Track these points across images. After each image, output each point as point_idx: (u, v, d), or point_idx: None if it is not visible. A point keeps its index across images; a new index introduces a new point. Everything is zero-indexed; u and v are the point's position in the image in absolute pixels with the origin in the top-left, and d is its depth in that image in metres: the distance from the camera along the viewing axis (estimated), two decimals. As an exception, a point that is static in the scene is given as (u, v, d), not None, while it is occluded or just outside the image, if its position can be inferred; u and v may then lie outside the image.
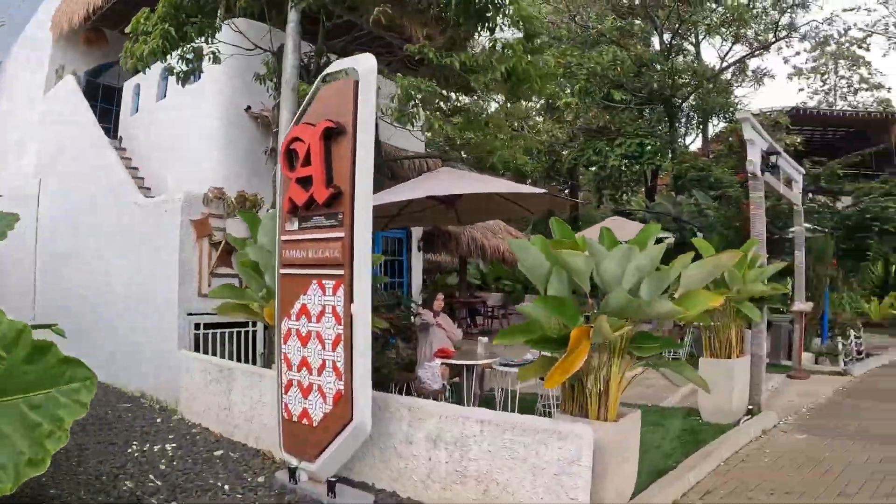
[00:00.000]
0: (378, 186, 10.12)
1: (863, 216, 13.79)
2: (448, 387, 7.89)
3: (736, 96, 23.84)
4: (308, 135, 5.31)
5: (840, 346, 11.67)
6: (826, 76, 40.23)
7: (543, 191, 8.69)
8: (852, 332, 12.26)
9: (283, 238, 5.70)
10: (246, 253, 6.75)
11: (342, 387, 4.98)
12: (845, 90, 40.39)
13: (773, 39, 22.33)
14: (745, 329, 8.25)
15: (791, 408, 8.84)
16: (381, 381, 7.77)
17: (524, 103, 27.44)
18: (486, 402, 8.05)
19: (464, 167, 11.89)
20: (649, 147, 17.80)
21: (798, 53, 40.27)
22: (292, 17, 8.76)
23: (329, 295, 5.17)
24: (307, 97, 5.68)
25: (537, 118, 24.93)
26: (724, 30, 20.26)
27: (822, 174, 14.29)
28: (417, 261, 14.26)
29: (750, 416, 7.99)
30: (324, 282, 5.22)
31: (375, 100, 5.22)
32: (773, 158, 8.38)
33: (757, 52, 22.93)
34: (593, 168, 20.16)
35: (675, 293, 5.01)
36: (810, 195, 12.09)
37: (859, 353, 12.39)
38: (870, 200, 14.03)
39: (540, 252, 4.87)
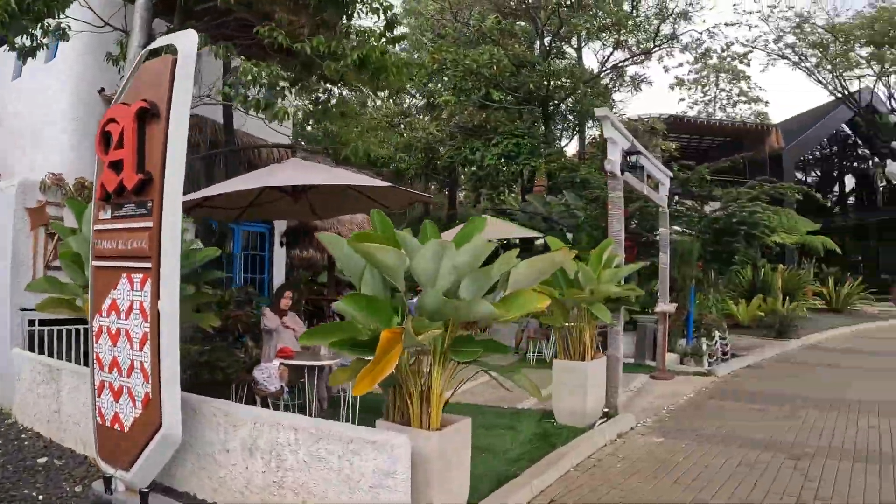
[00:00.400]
0: (233, 175, 9.55)
1: (730, 220, 14.09)
2: (287, 389, 7.36)
3: (614, 101, 24.32)
4: (123, 115, 4.79)
5: (704, 347, 11.80)
6: (707, 88, 42.02)
7: (387, 184, 8.27)
8: (717, 334, 12.45)
9: (96, 227, 5.16)
10: (68, 243, 6.13)
11: (150, 390, 4.53)
12: (725, 102, 42.35)
13: (654, 48, 22.85)
14: (613, 329, 8.14)
15: (651, 409, 8.76)
16: (226, 382, 7.37)
17: (408, 100, 27.34)
18: (334, 405, 7.67)
19: (323, 160, 11.38)
20: (525, 147, 17.79)
21: (681, 65, 41.96)
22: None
23: (137, 290, 4.69)
24: (127, 75, 5.20)
25: (417, 115, 24.78)
26: (604, 35, 20.55)
27: (690, 178, 14.53)
28: (280, 257, 13.91)
29: (606, 419, 7.83)
30: (132, 275, 4.73)
31: (193, 80, 4.74)
32: (633, 158, 8.25)
33: (637, 60, 23.39)
34: (472, 167, 20.00)
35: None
36: (677, 198, 12.18)
37: (724, 353, 12.59)
38: (738, 205, 14.35)
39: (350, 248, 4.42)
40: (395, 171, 23.60)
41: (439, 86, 21.09)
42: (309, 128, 10.15)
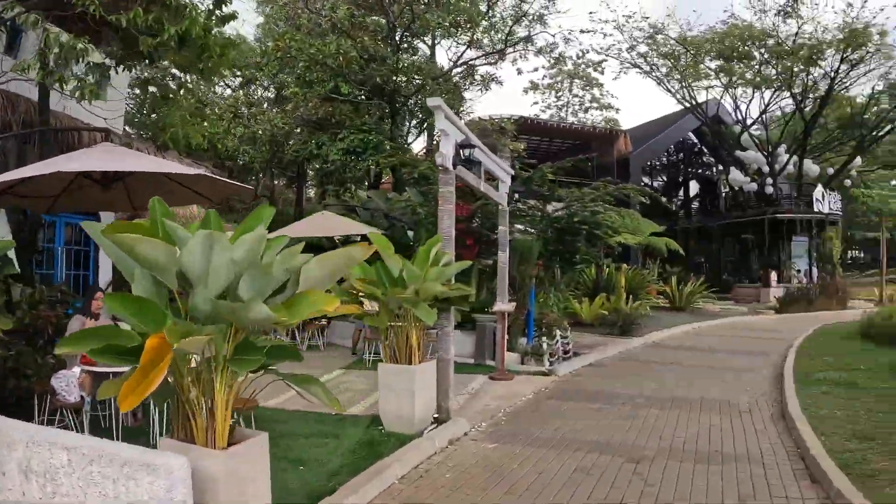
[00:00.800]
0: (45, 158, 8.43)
1: (572, 220, 14.21)
2: (89, 399, 6.48)
3: (465, 99, 24.36)
4: None
5: (545, 346, 11.73)
6: (561, 93, 43.24)
7: (198, 171, 7.56)
8: (559, 332, 12.44)
9: None
10: None
11: None
12: (577, 107, 43.71)
13: (508, 49, 22.99)
14: (442, 331, 7.76)
15: (487, 412, 8.47)
16: (29, 390, 6.59)
17: (260, 91, 26.29)
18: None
19: (144, 146, 10.43)
20: (372, 143, 17.32)
21: (536, 69, 42.94)
22: None
23: None
24: None
25: (265, 107, 23.87)
26: (457, 32, 20.37)
27: (532, 176, 14.52)
28: None
29: (437, 425, 7.44)
30: None
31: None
32: (467, 152, 7.90)
33: (490, 60, 23.46)
34: (318, 162, 19.34)
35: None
36: (517, 196, 12.04)
37: (566, 352, 12.61)
38: (580, 205, 14.49)
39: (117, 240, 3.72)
40: (241, 165, 22.56)
41: (288, 77, 20.24)
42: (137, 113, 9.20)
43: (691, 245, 32.20)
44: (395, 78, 18.30)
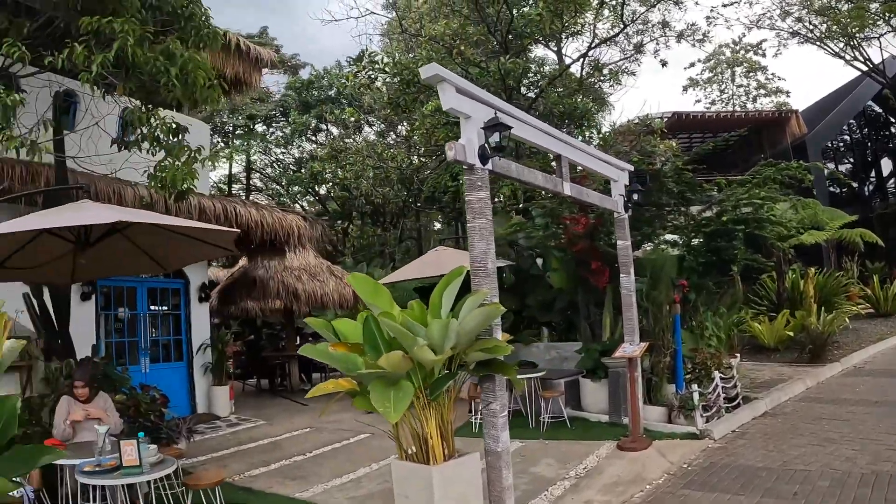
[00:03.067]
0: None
1: (727, 221, 10.85)
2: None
3: (609, 104, 21.94)
4: None
5: (696, 398, 8.50)
6: (724, 86, 38.82)
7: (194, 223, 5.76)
8: (717, 375, 9.20)
9: None
10: None
11: None
12: (744, 98, 39.10)
13: (645, 41, 20.14)
14: (487, 408, 5.08)
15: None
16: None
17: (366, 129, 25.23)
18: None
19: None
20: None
21: (693, 64, 38.70)
22: None
23: None
24: None
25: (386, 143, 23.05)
26: (563, 24, 17.57)
27: (662, 169, 11.25)
28: (201, 313, 12.43)
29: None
30: None
31: None
32: (496, 136, 5.19)
33: (627, 55, 20.71)
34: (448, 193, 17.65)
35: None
36: (635, 198, 8.89)
37: (731, 399, 9.38)
38: (734, 200, 11.13)
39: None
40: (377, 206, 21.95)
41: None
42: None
43: (891, 233, 25.65)
44: (508, 82, 15.74)
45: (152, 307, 11.92)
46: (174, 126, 7.25)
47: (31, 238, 6.79)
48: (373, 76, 18.77)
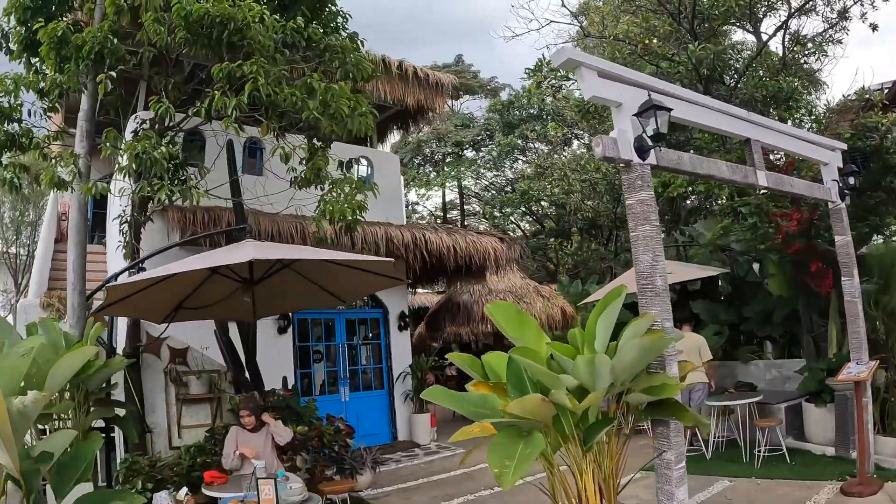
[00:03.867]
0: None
1: None
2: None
3: (823, 84, 19.53)
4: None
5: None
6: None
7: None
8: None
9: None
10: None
11: None
12: None
13: (850, 2, 17.67)
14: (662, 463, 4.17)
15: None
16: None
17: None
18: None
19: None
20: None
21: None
22: (84, 104, 7.44)
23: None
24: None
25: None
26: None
27: (886, 147, 9.27)
28: (401, 341, 12.59)
29: None
30: None
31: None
32: (652, 123, 4.28)
33: (835, 25, 18.30)
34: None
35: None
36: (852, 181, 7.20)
37: None
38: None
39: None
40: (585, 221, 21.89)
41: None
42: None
43: None
44: (701, 71, 14.33)
45: (354, 337, 12.35)
46: (335, 160, 7.26)
47: (202, 280, 6.95)
48: (555, 84, 18.06)
